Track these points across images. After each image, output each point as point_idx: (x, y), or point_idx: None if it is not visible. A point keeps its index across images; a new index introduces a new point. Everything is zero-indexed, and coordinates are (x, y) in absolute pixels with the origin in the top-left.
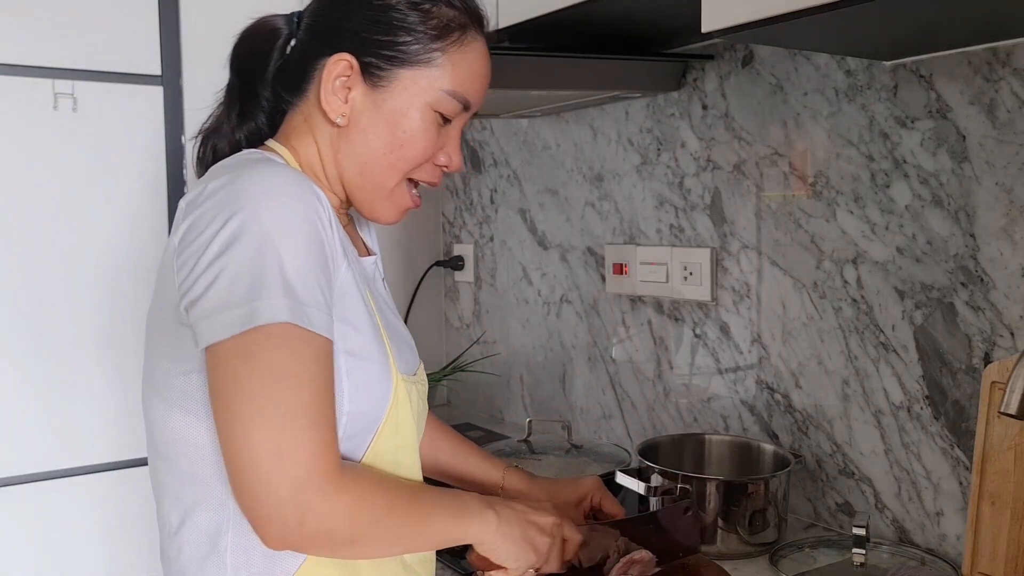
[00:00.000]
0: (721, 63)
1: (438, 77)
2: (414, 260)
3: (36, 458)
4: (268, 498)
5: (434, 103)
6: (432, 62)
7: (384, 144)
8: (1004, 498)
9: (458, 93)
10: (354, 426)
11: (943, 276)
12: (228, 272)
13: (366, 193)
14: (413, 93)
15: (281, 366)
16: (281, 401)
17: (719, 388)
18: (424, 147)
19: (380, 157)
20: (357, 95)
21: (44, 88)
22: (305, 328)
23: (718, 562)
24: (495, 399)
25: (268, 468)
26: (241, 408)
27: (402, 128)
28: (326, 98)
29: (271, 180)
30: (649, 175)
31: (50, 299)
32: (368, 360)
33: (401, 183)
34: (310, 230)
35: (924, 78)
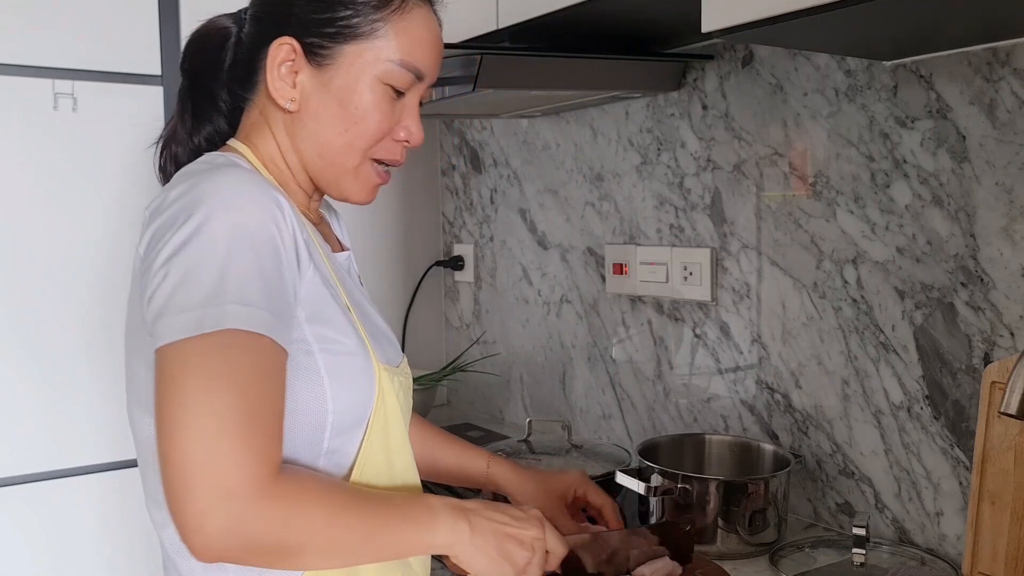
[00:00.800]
0: (721, 63)
1: (383, 48)
2: (414, 260)
3: (34, 458)
4: (192, 507)
5: (383, 75)
6: (375, 34)
7: (338, 124)
8: (1004, 498)
9: (407, 62)
10: (342, 423)
11: (943, 276)
12: (180, 277)
13: (330, 175)
14: (359, 68)
15: (220, 372)
16: (214, 407)
17: (719, 388)
18: (379, 122)
19: (336, 137)
20: (304, 78)
21: (44, 88)
22: (252, 333)
23: (718, 562)
24: (495, 399)
25: (193, 476)
26: (173, 413)
27: (353, 105)
28: (273, 85)
29: (228, 186)
30: (649, 175)
31: (49, 299)
32: (348, 355)
33: (364, 162)
34: (264, 236)
35: (924, 78)
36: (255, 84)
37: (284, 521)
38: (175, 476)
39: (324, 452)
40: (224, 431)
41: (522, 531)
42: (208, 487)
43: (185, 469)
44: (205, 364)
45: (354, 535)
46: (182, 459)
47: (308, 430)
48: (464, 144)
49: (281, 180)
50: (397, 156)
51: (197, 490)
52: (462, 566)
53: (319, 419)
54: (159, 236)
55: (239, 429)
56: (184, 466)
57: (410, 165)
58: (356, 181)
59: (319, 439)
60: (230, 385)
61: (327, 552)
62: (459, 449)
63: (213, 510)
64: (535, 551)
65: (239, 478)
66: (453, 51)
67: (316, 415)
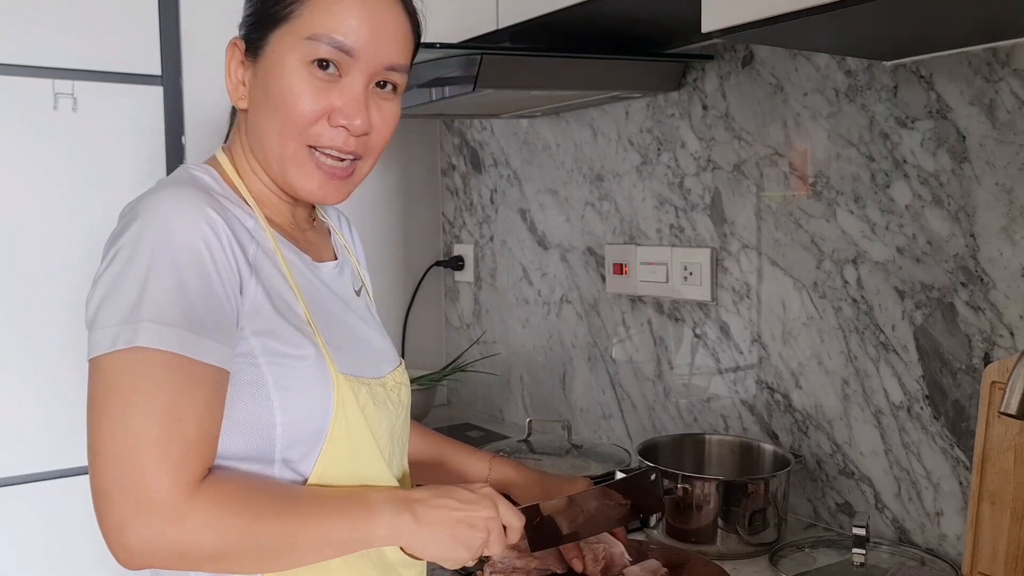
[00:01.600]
0: (721, 63)
1: (298, 27)
2: (414, 260)
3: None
4: (111, 519)
5: (303, 56)
6: (292, 15)
7: (269, 111)
8: (1004, 498)
9: (321, 35)
10: (295, 435)
11: (943, 276)
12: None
13: (275, 170)
14: (280, 52)
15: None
16: (130, 422)
17: (719, 388)
18: (304, 104)
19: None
20: (247, 74)
21: (44, 88)
22: (170, 352)
23: (718, 562)
24: (495, 399)
25: (110, 489)
26: (93, 426)
27: (277, 89)
28: (229, 85)
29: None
30: (649, 175)
31: (49, 299)
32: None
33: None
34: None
35: (924, 78)
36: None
37: (204, 529)
38: (96, 488)
39: (278, 461)
40: (139, 445)
41: (472, 513)
42: (124, 500)
43: (103, 482)
44: (121, 380)
45: (284, 536)
46: (101, 472)
47: (257, 440)
48: (464, 144)
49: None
50: (338, 143)
51: (114, 503)
52: (416, 556)
53: (267, 430)
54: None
55: (154, 444)
56: (102, 479)
57: (410, 165)
58: (299, 171)
59: (270, 449)
60: (145, 401)
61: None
62: (462, 454)
63: (130, 522)
64: (489, 531)
65: (154, 490)
66: (453, 51)
67: (263, 426)
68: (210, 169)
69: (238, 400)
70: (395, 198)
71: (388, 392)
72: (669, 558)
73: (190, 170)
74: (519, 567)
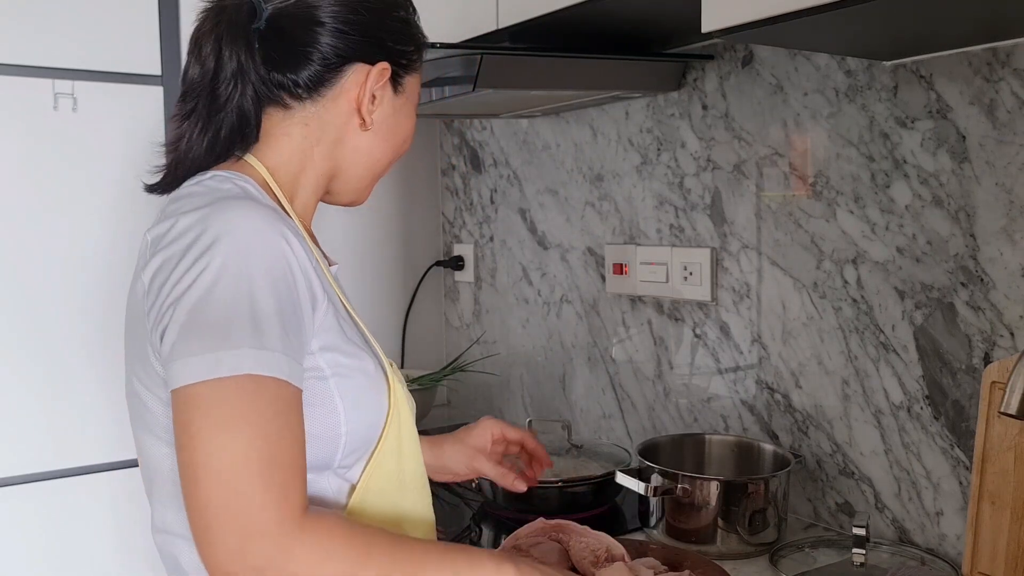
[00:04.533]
0: (721, 63)
1: (419, 80)
2: (414, 260)
3: (34, 458)
4: (220, 549)
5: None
6: (418, 67)
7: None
8: (1004, 498)
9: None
10: (355, 442)
11: (943, 276)
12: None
13: (362, 184)
14: (412, 95)
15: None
16: (234, 451)
17: (719, 388)
18: (411, 142)
19: (387, 153)
20: (384, 100)
21: (44, 88)
22: (266, 376)
23: (718, 562)
24: (495, 399)
25: (218, 519)
26: (194, 457)
27: (407, 127)
28: (366, 105)
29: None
30: (649, 175)
31: (49, 299)
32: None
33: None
34: (280, 277)
35: (924, 78)
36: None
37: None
38: (201, 520)
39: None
40: (245, 474)
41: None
42: (233, 530)
43: (209, 513)
44: (223, 408)
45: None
46: (207, 503)
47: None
48: (464, 144)
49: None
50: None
51: (224, 533)
52: None
53: (333, 441)
54: (168, 269)
55: (259, 471)
56: (208, 510)
57: (410, 165)
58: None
59: (330, 458)
60: (249, 428)
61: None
62: None
63: (241, 552)
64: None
65: (264, 519)
66: (453, 51)
67: (331, 438)
68: (247, 178)
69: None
70: (395, 198)
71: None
72: (669, 558)
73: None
74: None
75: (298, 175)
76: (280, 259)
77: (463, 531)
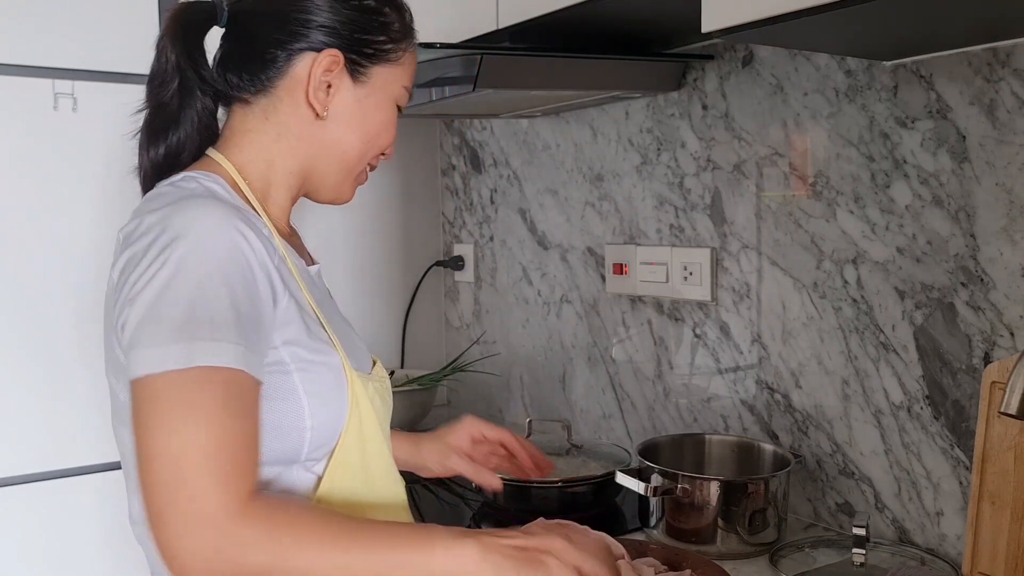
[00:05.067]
0: (721, 63)
1: (400, 75)
2: (414, 260)
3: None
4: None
5: (397, 98)
6: (398, 61)
7: (361, 134)
8: (1004, 498)
9: (409, 88)
10: (321, 437)
11: (943, 276)
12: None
13: (337, 179)
14: (384, 88)
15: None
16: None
17: (719, 388)
18: (389, 137)
19: (357, 147)
20: (341, 89)
21: (44, 88)
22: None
23: (718, 562)
24: (495, 399)
25: (167, 504)
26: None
27: (376, 120)
28: (313, 92)
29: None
30: (649, 175)
31: (48, 298)
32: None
33: (364, 168)
34: (236, 270)
35: (924, 78)
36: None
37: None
38: (152, 505)
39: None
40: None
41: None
42: (180, 514)
43: (160, 497)
44: (176, 399)
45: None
46: (156, 489)
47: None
48: (464, 144)
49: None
50: (376, 163)
51: (171, 517)
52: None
53: (299, 434)
54: (133, 264)
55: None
56: (158, 495)
57: (410, 165)
58: (353, 184)
59: (296, 452)
60: (200, 417)
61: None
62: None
63: (186, 536)
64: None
65: (210, 505)
66: (453, 51)
67: (296, 431)
68: (216, 177)
69: (271, 405)
70: (395, 198)
71: (385, 386)
72: (669, 558)
73: (200, 180)
74: None
75: (267, 171)
76: (236, 254)
77: None
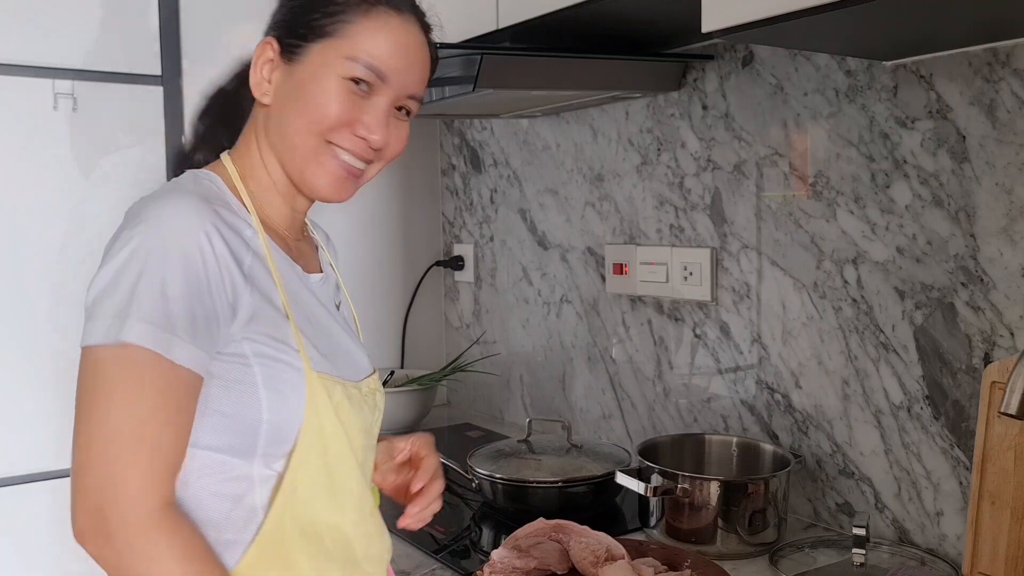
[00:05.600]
0: (721, 63)
1: (342, 46)
2: (414, 260)
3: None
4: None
5: (341, 71)
6: (338, 33)
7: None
8: (1004, 498)
9: (360, 58)
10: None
11: (943, 276)
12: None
13: (296, 164)
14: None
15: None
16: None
17: (719, 388)
18: (335, 109)
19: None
20: (278, 74)
21: (44, 88)
22: (163, 357)
23: (718, 562)
24: (495, 399)
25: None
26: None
27: (311, 92)
28: (254, 80)
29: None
30: (649, 175)
31: (48, 298)
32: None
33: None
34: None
35: (924, 78)
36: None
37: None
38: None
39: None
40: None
41: None
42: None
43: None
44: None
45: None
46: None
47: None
48: (464, 144)
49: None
50: (357, 150)
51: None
52: None
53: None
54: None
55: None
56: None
57: (410, 165)
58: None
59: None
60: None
61: None
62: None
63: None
64: None
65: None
66: (453, 51)
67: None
68: (215, 176)
69: (227, 395)
70: (395, 198)
71: (364, 396)
72: (669, 558)
73: (197, 177)
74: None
75: (258, 171)
76: (193, 250)
77: (463, 531)
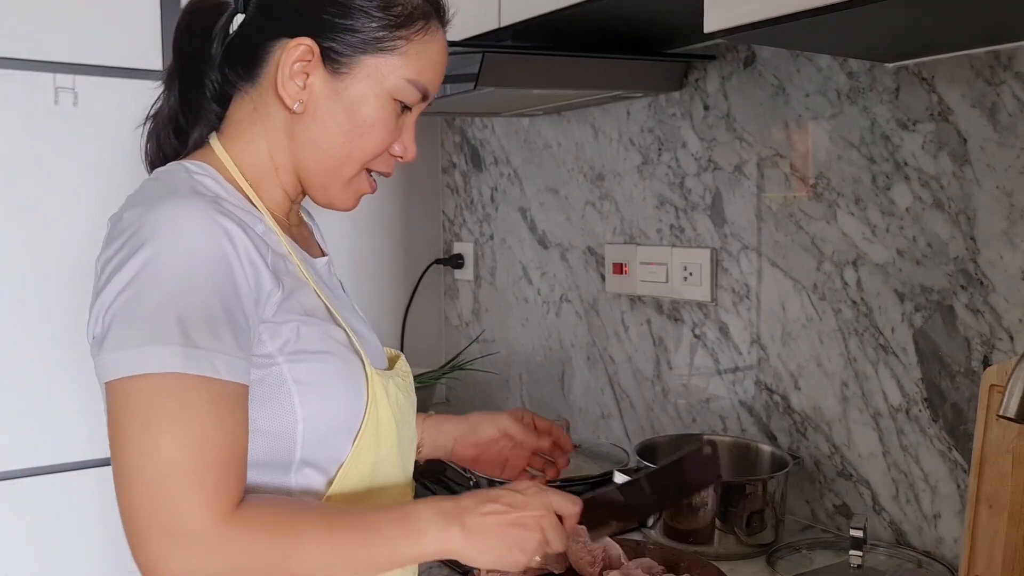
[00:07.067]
0: (723, 64)
1: (400, 65)
2: (414, 258)
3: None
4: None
5: (395, 91)
6: (396, 50)
7: (343, 133)
8: (1001, 501)
9: (419, 82)
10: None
11: (943, 279)
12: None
13: (322, 180)
14: (375, 81)
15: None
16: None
17: (718, 389)
18: (383, 137)
19: (338, 146)
20: (316, 81)
21: (45, 82)
22: (197, 375)
23: (715, 563)
24: (494, 398)
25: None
26: (122, 453)
27: (361, 116)
28: (283, 83)
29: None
30: (650, 175)
31: (50, 293)
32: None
33: (359, 173)
34: (213, 272)
35: (926, 80)
36: (255, 75)
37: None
38: (130, 521)
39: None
40: (172, 473)
41: (523, 514)
42: (159, 532)
43: (138, 514)
44: (147, 405)
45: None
46: (133, 501)
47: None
48: (465, 142)
49: (260, 184)
50: (389, 169)
51: (149, 536)
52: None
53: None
54: (106, 260)
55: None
56: (137, 511)
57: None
58: (347, 190)
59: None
60: (179, 428)
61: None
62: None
63: (169, 552)
64: (544, 528)
65: (191, 518)
66: (455, 49)
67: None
68: (209, 168)
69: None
70: (395, 196)
71: (408, 383)
72: (666, 558)
73: (190, 172)
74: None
75: (260, 163)
76: (216, 254)
77: None
